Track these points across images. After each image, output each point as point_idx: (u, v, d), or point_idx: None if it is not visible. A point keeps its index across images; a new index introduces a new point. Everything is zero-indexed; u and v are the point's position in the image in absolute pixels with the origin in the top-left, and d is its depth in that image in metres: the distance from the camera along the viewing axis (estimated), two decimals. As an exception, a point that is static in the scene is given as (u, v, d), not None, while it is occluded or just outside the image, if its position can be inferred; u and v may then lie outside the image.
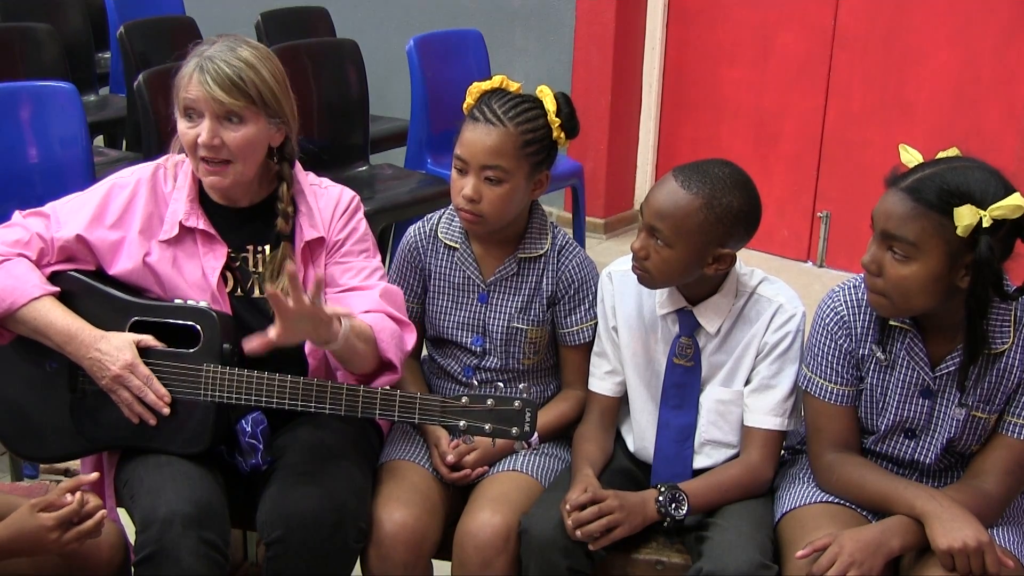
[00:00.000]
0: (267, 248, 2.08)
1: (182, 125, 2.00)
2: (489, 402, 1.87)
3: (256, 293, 2.07)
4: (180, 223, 2.03)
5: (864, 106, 4.61)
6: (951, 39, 4.35)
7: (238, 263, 2.08)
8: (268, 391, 1.92)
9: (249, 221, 2.09)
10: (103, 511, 1.80)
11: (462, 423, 1.87)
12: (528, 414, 1.86)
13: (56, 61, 4.29)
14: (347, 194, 2.16)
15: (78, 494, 1.78)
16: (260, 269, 2.08)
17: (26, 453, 2.14)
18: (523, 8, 5.23)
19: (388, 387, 1.92)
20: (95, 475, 1.90)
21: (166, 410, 1.94)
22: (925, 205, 1.74)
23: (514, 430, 1.87)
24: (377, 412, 1.89)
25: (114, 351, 1.93)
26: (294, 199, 2.09)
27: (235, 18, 5.58)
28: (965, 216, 1.70)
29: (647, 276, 1.99)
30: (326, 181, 2.18)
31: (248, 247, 2.08)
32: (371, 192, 3.94)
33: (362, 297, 2.05)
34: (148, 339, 1.96)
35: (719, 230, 1.93)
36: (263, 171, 2.08)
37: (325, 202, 2.12)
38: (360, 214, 2.16)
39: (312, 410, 1.92)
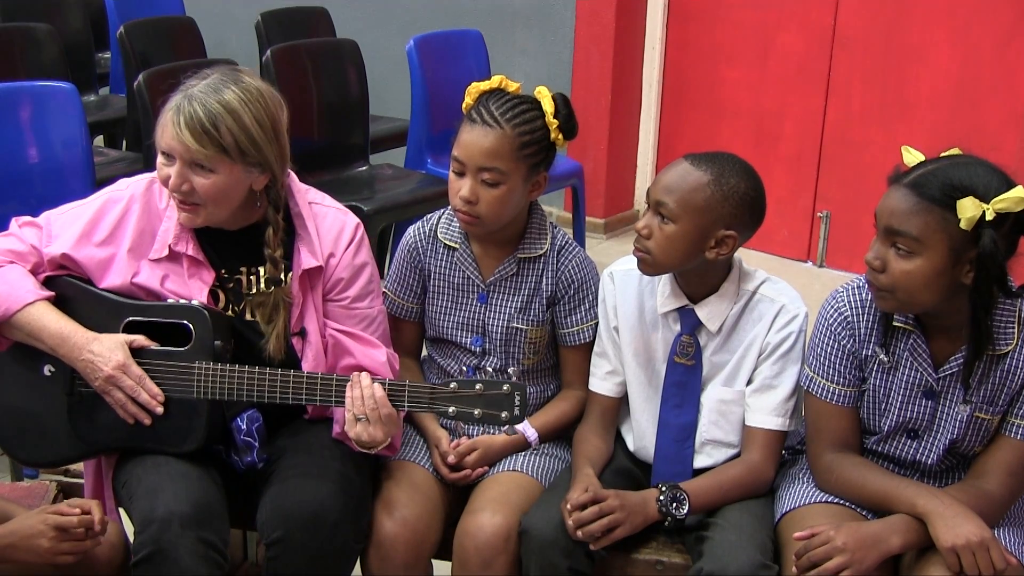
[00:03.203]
0: (261, 270, 2.04)
1: (159, 160, 1.95)
2: (478, 387, 1.87)
3: (248, 316, 2.04)
4: (169, 246, 2.01)
5: (864, 106, 4.61)
6: (951, 39, 4.35)
7: (231, 284, 2.05)
8: (260, 386, 1.92)
9: (241, 242, 2.05)
10: (101, 538, 1.81)
11: (451, 409, 1.87)
12: (517, 398, 1.87)
13: (56, 61, 4.29)
14: (351, 222, 2.10)
15: (95, 512, 1.79)
16: (254, 291, 2.04)
17: (25, 458, 2.14)
18: (523, 8, 5.23)
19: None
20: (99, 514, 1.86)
21: (159, 409, 1.94)
22: (928, 200, 1.74)
23: (504, 414, 1.87)
24: None
25: (106, 352, 1.92)
26: (291, 220, 2.05)
27: (235, 18, 5.59)
28: (968, 208, 1.70)
29: (648, 258, 1.99)
30: (328, 199, 2.12)
31: (242, 268, 2.06)
32: (371, 192, 3.94)
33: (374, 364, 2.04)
34: (140, 339, 1.96)
35: (725, 208, 1.94)
36: (250, 200, 2.01)
37: (326, 227, 2.07)
38: (366, 246, 2.11)
39: (303, 403, 1.93)
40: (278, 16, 4.98)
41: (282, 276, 2.03)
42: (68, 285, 2.03)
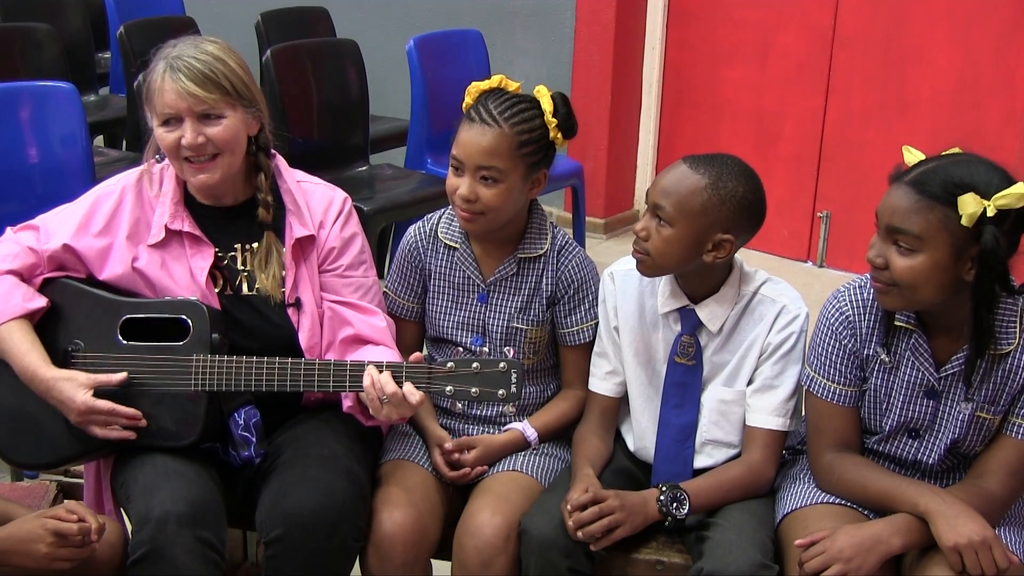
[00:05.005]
0: (255, 245, 2.09)
1: (160, 131, 2.00)
2: (475, 366, 1.89)
3: (244, 291, 2.08)
4: (165, 226, 2.04)
5: (864, 106, 4.60)
6: (951, 39, 4.35)
7: (225, 262, 2.08)
8: (257, 375, 1.93)
9: (235, 220, 2.10)
10: (95, 545, 1.81)
11: (448, 388, 1.89)
12: (514, 375, 1.88)
13: (56, 61, 4.29)
14: (339, 196, 2.16)
15: (90, 521, 1.78)
16: (248, 267, 2.08)
17: (23, 461, 2.13)
18: (523, 8, 5.23)
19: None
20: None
21: (144, 422, 1.95)
22: (930, 197, 1.74)
23: (500, 392, 1.89)
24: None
25: (67, 400, 1.93)
26: (281, 197, 2.10)
27: (235, 18, 5.59)
28: (969, 205, 1.70)
29: (647, 259, 1.99)
30: (315, 179, 2.18)
31: (236, 246, 2.09)
32: (371, 192, 3.94)
33: (373, 339, 2.07)
34: (104, 378, 1.95)
35: (722, 212, 1.94)
36: (246, 167, 2.09)
37: (316, 201, 2.12)
38: (355, 219, 2.16)
39: (301, 390, 1.94)
40: (278, 16, 4.99)
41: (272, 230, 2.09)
42: (65, 287, 2.05)
